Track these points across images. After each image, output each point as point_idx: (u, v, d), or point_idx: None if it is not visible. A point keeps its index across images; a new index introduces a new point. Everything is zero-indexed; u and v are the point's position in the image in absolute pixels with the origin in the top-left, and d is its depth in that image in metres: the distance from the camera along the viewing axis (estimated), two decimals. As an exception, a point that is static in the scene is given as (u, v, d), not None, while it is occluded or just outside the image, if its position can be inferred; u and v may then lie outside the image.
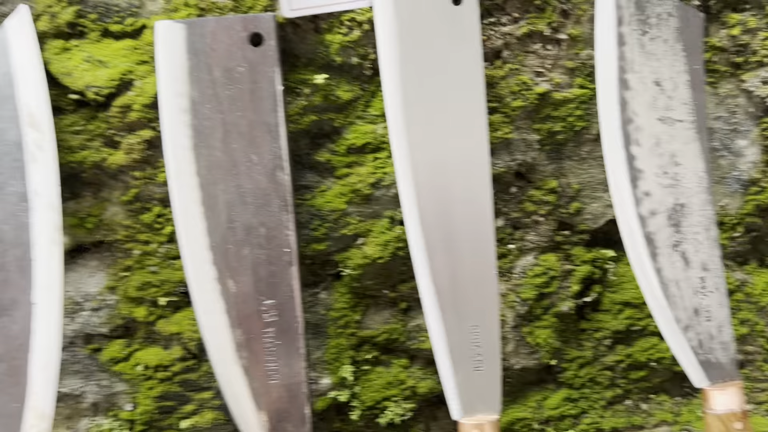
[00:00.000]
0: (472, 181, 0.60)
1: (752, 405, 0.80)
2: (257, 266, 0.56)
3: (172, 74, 0.54)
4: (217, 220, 0.55)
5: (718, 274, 0.63)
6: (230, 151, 0.55)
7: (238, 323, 0.56)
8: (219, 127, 0.55)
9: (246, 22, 0.54)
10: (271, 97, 0.55)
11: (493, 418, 0.59)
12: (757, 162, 0.71)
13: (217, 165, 0.55)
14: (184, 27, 0.54)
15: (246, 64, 0.55)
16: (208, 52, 0.54)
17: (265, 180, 0.56)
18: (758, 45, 0.66)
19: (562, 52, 0.63)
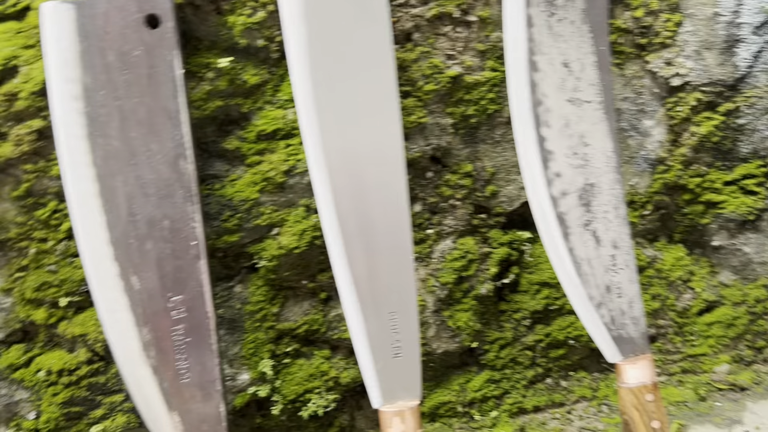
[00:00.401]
0: (387, 166, 0.59)
1: (665, 376, 0.83)
2: (162, 261, 0.53)
3: (62, 59, 0.51)
4: (117, 214, 0.52)
5: (628, 252, 0.64)
6: (128, 140, 0.52)
7: (144, 321, 0.53)
8: (115, 115, 0.51)
9: (141, 3, 0.51)
10: (171, 82, 0.52)
11: (413, 404, 0.58)
12: (663, 141, 0.73)
13: (115, 155, 0.52)
14: (73, 8, 0.50)
15: (142, 47, 0.51)
16: (100, 34, 0.51)
17: (167, 169, 0.53)
18: (660, 27, 0.67)
19: (473, 35, 0.63)
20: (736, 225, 0.79)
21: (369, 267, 0.58)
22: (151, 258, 0.53)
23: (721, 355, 0.83)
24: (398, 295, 0.59)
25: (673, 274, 0.80)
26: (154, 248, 0.53)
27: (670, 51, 0.68)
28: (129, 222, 0.52)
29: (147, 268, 0.53)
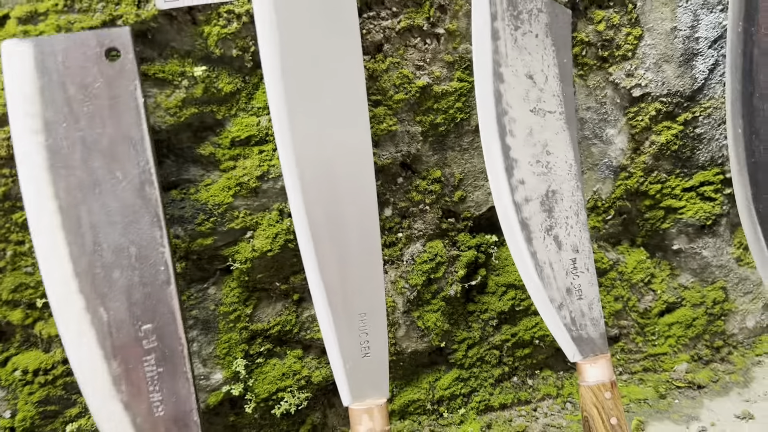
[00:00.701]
0: (357, 172, 0.61)
1: (627, 375, 0.86)
2: (131, 289, 0.53)
3: (21, 95, 0.50)
4: (82, 244, 0.52)
5: (588, 256, 0.67)
6: (92, 170, 0.52)
7: (113, 354, 0.52)
8: (78, 146, 0.51)
9: (100, 38, 0.52)
10: (133, 111, 0.53)
11: (381, 402, 0.60)
12: (625, 149, 0.76)
13: (78, 185, 0.52)
14: (32, 45, 0.50)
15: (103, 79, 0.52)
16: (60, 70, 0.51)
17: (132, 196, 0.53)
18: (622, 40, 0.70)
19: (441, 47, 0.65)
20: (695, 230, 0.82)
21: (340, 269, 0.60)
22: (119, 287, 0.53)
23: (681, 354, 0.86)
24: (368, 297, 0.61)
25: (635, 276, 0.83)
26: (122, 277, 0.53)
27: (631, 63, 0.71)
28: (94, 252, 0.52)
29: (115, 298, 0.52)
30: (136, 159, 0.53)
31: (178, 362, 0.54)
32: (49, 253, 0.51)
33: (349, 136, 0.60)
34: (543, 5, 0.65)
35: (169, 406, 0.54)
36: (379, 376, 0.61)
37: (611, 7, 0.69)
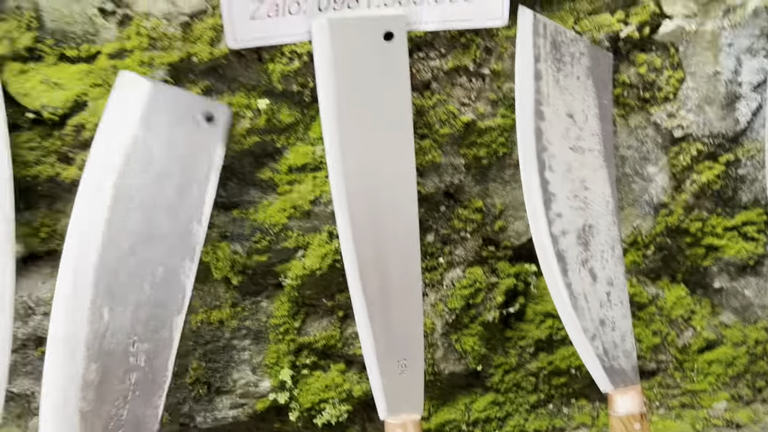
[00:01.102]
0: (401, 200, 0.65)
1: (664, 409, 0.87)
2: (141, 304, 0.55)
3: (118, 125, 0.58)
4: (117, 241, 0.55)
5: (622, 289, 0.69)
6: (151, 222, 0.56)
7: (96, 358, 0.53)
8: (147, 197, 0.56)
9: (202, 105, 0.59)
10: (208, 169, 0.59)
11: (415, 417, 0.64)
12: (666, 187, 0.78)
13: (132, 232, 0.56)
14: (150, 87, 0.58)
15: (194, 140, 0.58)
16: (158, 124, 0.57)
17: (180, 227, 0.57)
18: (664, 82, 0.73)
19: (486, 85, 0.69)
20: (737, 269, 0.83)
21: (381, 290, 0.64)
22: (132, 298, 0.55)
23: (720, 392, 0.87)
24: (407, 318, 0.65)
25: (675, 312, 0.84)
26: (139, 289, 0.55)
27: (672, 104, 0.73)
28: (125, 254, 0.55)
29: (123, 305, 0.54)
30: (194, 205, 0.58)
31: (156, 391, 0.55)
32: (83, 231, 0.55)
33: (396, 166, 0.65)
34: (585, 49, 0.68)
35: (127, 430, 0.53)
36: (414, 393, 0.65)
37: (653, 51, 0.72)
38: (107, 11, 0.60)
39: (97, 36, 0.60)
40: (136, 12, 0.60)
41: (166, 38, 0.60)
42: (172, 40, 0.61)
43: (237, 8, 0.59)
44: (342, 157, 0.63)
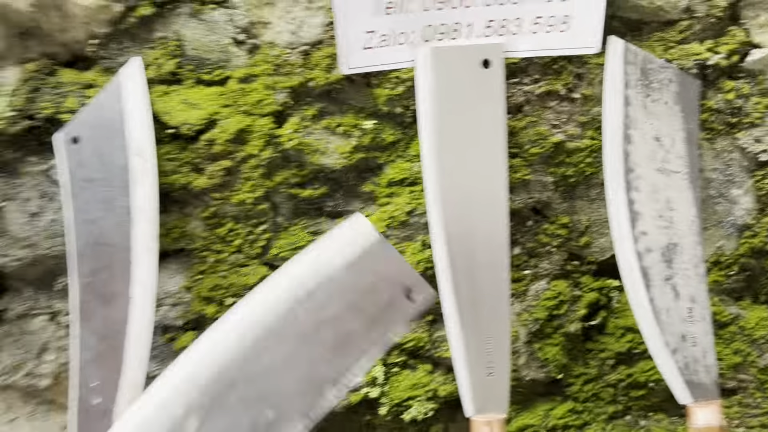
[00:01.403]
0: (492, 214, 0.70)
1: (743, 429, 0.88)
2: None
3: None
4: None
5: (705, 306, 0.72)
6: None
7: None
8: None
9: (404, 278, 0.57)
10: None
11: (500, 417, 0.69)
12: (750, 209, 0.80)
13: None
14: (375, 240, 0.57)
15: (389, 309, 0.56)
16: (362, 280, 0.55)
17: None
18: (751, 108, 0.75)
19: (576, 109, 0.74)
20: (823, 293, 0.84)
21: (471, 297, 0.69)
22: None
23: (803, 415, 0.87)
24: (495, 324, 0.70)
25: (757, 332, 0.85)
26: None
27: (759, 130, 0.76)
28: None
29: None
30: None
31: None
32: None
33: (488, 183, 0.70)
34: (673, 76, 0.71)
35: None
36: (500, 394, 0.70)
37: (742, 78, 0.74)
38: (239, 41, 0.68)
39: (228, 62, 0.69)
40: (263, 42, 0.68)
41: (288, 65, 0.68)
42: (293, 67, 0.68)
43: (351, 39, 0.66)
44: (438, 173, 0.69)
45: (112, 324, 0.64)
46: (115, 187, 0.65)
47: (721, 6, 0.70)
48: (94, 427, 0.63)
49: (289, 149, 0.71)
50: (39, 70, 0.67)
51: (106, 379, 0.63)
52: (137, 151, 0.66)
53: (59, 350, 0.78)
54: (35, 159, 0.70)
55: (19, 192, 0.71)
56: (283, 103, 0.69)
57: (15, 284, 0.76)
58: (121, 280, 0.64)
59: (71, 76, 0.68)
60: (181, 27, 0.67)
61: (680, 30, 0.72)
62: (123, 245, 0.65)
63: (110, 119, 0.66)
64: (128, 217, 0.65)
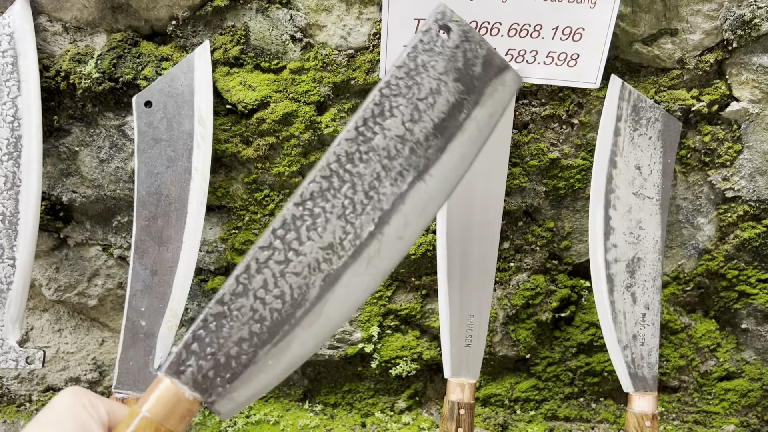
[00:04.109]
0: (489, 212, 0.83)
1: (678, 422, 1.02)
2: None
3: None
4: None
5: (656, 313, 0.85)
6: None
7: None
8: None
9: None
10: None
11: (472, 382, 0.83)
12: (711, 237, 0.92)
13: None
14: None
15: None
16: None
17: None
18: (723, 151, 0.87)
19: (573, 132, 0.86)
20: (763, 315, 0.96)
21: (462, 279, 0.82)
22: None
23: (731, 417, 1.01)
24: (478, 304, 0.83)
25: (703, 342, 0.98)
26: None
27: (728, 170, 0.88)
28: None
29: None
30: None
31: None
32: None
33: (490, 185, 0.83)
34: (660, 116, 0.83)
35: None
36: (474, 363, 0.83)
37: (719, 124, 0.86)
38: (296, 38, 0.80)
39: (285, 55, 0.80)
40: (316, 42, 0.80)
41: (335, 64, 0.80)
42: (338, 66, 0.80)
43: (392, 50, 0.78)
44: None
45: (163, 262, 0.77)
46: (179, 149, 0.78)
47: (709, 62, 0.81)
48: (139, 345, 0.77)
49: (325, 134, 0.83)
50: (124, 40, 0.79)
51: (152, 307, 0.77)
52: (199, 120, 0.78)
53: (107, 277, 0.92)
54: (111, 115, 0.82)
55: (94, 140, 0.83)
56: (326, 95, 0.81)
57: (78, 217, 0.89)
58: (175, 227, 0.77)
59: (150, 48, 0.80)
60: (248, 20, 0.78)
61: (672, 77, 0.83)
62: (179, 198, 0.78)
63: (181, 90, 0.78)
64: (186, 175, 0.77)
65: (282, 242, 0.48)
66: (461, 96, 0.53)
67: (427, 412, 1.00)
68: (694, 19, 0.79)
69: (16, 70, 0.77)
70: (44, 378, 0.97)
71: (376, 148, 0.51)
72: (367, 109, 0.51)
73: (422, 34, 0.53)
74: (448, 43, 0.53)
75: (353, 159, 0.50)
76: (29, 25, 0.78)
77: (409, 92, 0.52)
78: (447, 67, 0.53)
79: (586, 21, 0.77)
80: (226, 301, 0.46)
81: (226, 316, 0.46)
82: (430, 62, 0.52)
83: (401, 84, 0.52)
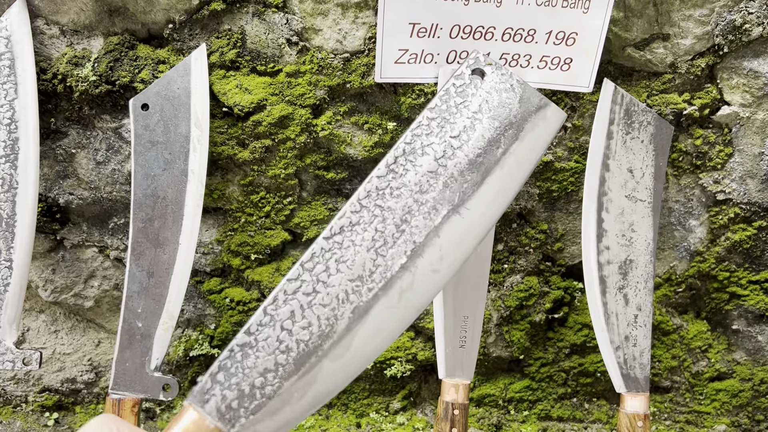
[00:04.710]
0: (484, 215, 0.84)
1: (670, 422, 1.03)
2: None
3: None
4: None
5: (648, 315, 0.86)
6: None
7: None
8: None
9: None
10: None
11: (466, 382, 0.83)
12: (703, 239, 0.94)
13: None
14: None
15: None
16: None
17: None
18: (714, 155, 0.88)
19: (567, 135, 0.87)
20: (755, 317, 0.98)
21: (455, 281, 0.83)
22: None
23: (722, 417, 1.02)
24: (472, 305, 0.84)
25: (694, 343, 1.00)
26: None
27: (719, 173, 0.89)
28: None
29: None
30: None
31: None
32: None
33: (484, 188, 0.83)
34: (652, 119, 0.84)
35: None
36: (468, 364, 0.84)
37: (710, 128, 0.87)
38: (292, 42, 0.80)
39: (281, 58, 0.81)
40: (312, 45, 0.80)
41: (331, 68, 0.81)
42: (334, 70, 0.81)
43: (387, 53, 0.78)
44: (444, 174, 0.82)
45: (160, 264, 0.78)
46: (175, 151, 0.78)
47: (701, 66, 0.82)
48: (135, 346, 0.77)
49: (321, 137, 0.84)
50: (121, 43, 0.80)
51: (149, 308, 0.77)
52: (196, 123, 0.78)
53: (104, 279, 0.92)
54: (108, 117, 0.83)
55: (91, 143, 0.84)
56: (322, 99, 0.82)
57: (75, 219, 0.89)
58: (171, 229, 0.78)
59: (147, 51, 0.80)
60: (245, 23, 0.79)
61: (664, 81, 0.84)
62: (176, 200, 0.78)
63: (177, 93, 0.78)
64: (183, 177, 0.78)
65: (310, 274, 0.48)
66: (497, 133, 0.54)
67: (421, 413, 1.01)
68: (686, 24, 0.80)
69: (13, 73, 0.77)
70: (40, 379, 0.97)
71: (407, 184, 0.52)
72: (399, 148, 0.52)
73: (455, 79, 0.54)
74: (483, 86, 0.54)
75: (384, 194, 0.51)
76: (26, 28, 0.78)
77: (440, 131, 0.53)
78: (481, 106, 0.54)
79: (580, 26, 0.78)
80: (253, 332, 0.46)
81: (252, 347, 0.46)
82: (464, 103, 0.54)
83: (433, 125, 0.53)
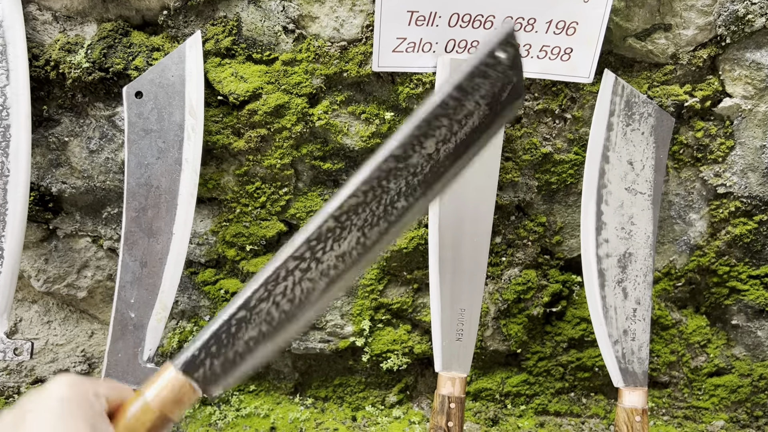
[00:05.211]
0: (481, 206, 0.83)
1: (668, 417, 1.02)
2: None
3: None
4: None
5: (647, 309, 0.85)
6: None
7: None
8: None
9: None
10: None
11: (463, 376, 0.83)
12: (703, 233, 0.93)
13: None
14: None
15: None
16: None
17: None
18: (716, 147, 0.87)
19: (566, 127, 0.86)
20: (754, 312, 0.97)
21: (453, 273, 0.82)
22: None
23: (721, 413, 1.01)
24: (469, 298, 0.83)
25: (693, 338, 0.99)
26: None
27: (720, 166, 0.88)
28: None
29: None
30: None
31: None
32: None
33: (482, 179, 0.82)
34: (652, 111, 0.83)
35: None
36: (465, 357, 0.83)
37: (711, 120, 0.86)
38: (288, 29, 0.79)
39: (277, 46, 0.80)
40: (309, 33, 0.79)
41: (327, 56, 0.79)
42: (331, 58, 0.80)
43: (385, 42, 0.77)
44: (441, 165, 0.81)
45: (153, 254, 0.77)
46: (169, 140, 0.77)
47: (702, 57, 0.81)
48: (128, 336, 0.76)
49: (317, 127, 0.83)
50: (114, 30, 0.78)
51: (141, 299, 0.76)
52: (190, 111, 0.77)
53: (97, 269, 0.91)
54: (101, 105, 0.81)
55: (84, 131, 0.83)
56: (318, 88, 0.81)
57: (68, 208, 0.88)
58: (165, 218, 0.77)
59: (141, 38, 0.79)
60: (241, 10, 0.78)
61: (665, 72, 0.83)
62: (170, 189, 0.77)
63: (172, 81, 0.77)
64: (177, 166, 0.77)
65: (311, 252, 0.49)
66: (482, 119, 0.53)
67: (417, 406, 1.00)
68: (688, 14, 0.79)
69: (5, 59, 0.76)
70: (33, 370, 0.96)
71: (408, 166, 0.51)
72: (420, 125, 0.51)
73: (486, 57, 0.51)
74: (499, 68, 0.53)
75: (389, 176, 0.51)
76: (18, 13, 0.77)
77: (454, 113, 0.52)
78: (488, 91, 0.52)
79: (580, 15, 0.77)
80: (251, 307, 0.47)
81: (248, 321, 0.47)
82: (481, 83, 0.52)
83: (451, 104, 0.52)
